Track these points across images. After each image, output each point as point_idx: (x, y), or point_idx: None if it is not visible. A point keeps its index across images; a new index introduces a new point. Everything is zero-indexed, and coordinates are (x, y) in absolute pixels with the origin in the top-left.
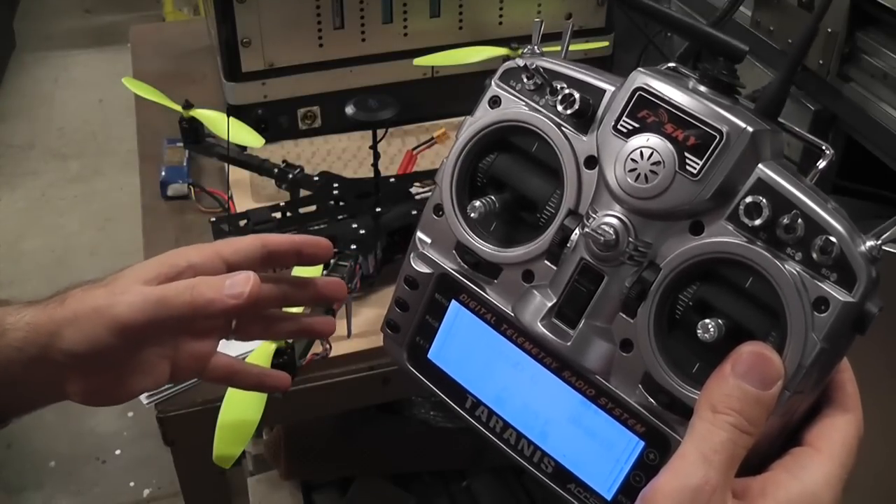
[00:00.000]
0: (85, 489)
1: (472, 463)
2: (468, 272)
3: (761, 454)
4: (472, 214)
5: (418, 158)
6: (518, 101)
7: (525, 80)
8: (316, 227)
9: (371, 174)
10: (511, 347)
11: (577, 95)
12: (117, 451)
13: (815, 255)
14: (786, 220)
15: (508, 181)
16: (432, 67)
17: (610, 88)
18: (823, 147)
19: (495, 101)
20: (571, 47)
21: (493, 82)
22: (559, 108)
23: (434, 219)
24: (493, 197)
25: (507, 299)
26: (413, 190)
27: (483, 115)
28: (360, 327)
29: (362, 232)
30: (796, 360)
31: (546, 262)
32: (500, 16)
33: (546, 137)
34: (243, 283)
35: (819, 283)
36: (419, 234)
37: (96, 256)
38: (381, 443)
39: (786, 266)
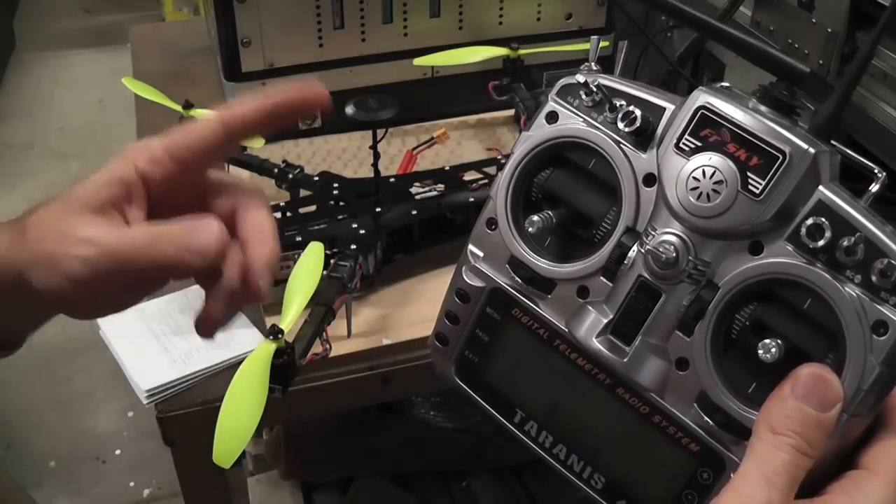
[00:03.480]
0: (85, 489)
1: (472, 463)
2: (522, 287)
3: (816, 476)
4: (530, 229)
5: (418, 158)
6: (576, 117)
7: (583, 96)
8: (316, 227)
9: (371, 174)
10: (563, 363)
11: (638, 113)
12: (117, 451)
13: (874, 279)
14: (846, 243)
15: (564, 197)
16: (432, 67)
17: (670, 107)
18: (875, 170)
19: (552, 117)
20: (570, 48)
21: (550, 97)
22: (619, 125)
23: (487, 232)
24: (550, 212)
25: (560, 315)
26: (413, 190)
27: (540, 130)
28: (360, 327)
29: (362, 232)
30: (855, 382)
31: (602, 278)
32: (500, 16)
33: (605, 154)
34: (207, 238)
35: (878, 307)
36: (471, 248)
37: None
38: (381, 443)
39: (845, 288)
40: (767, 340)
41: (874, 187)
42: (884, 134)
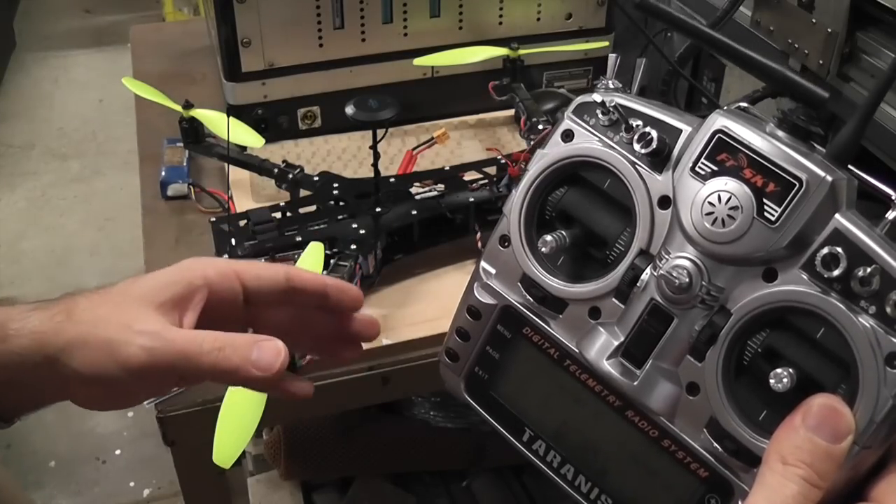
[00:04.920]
0: (85, 489)
1: (472, 463)
2: (533, 306)
3: None
4: (543, 249)
5: (418, 158)
6: (591, 137)
7: (600, 115)
8: (316, 227)
9: (371, 174)
10: (573, 383)
11: (654, 135)
12: (117, 451)
13: (889, 310)
14: (861, 273)
15: (578, 216)
16: (432, 67)
17: (686, 128)
18: (893, 197)
19: (568, 135)
20: (570, 48)
21: (566, 115)
22: (635, 146)
23: (500, 249)
24: (563, 232)
25: (571, 335)
26: (413, 190)
27: (555, 149)
28: None
29: (362, 232)
30: (867, 415)
31: (614, 300)
32: (500, 16)
33: (620, 175)
34: (273, 357)
35: (893, 339)
36: (483, 264)
37: (96, 256)
38: (381, 443)
39: (859, 319)
40: (779, 370)
41: (891, 214)
42: (884, 134)
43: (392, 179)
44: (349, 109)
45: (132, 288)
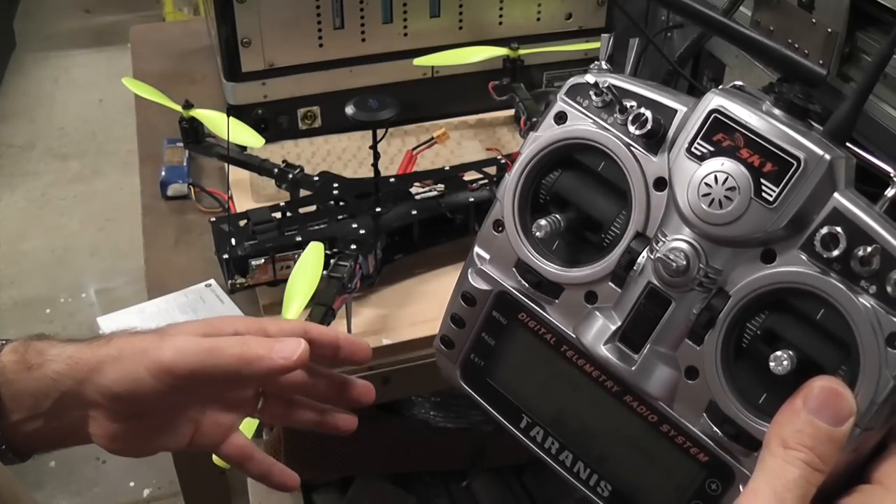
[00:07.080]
0: (85, 489)
1: (472, 463)
2: (529, 291)
3: (827, 490)
4: (538, 234)
5: (418, 158)
6: (585, 118)
7: (593, 96)
8: (316, 227)
9: (371, 174)
10: (570, 369)
11: (648, 115)
12: None
13: (889, 290)
14: (861, 253)
15: (573, 200)
16: (432, 67)
17: (681, 108)
18: (893, 175)
19: (561, 117)
20: (570, 48)
21: (558, 97)
22: (630, 127)
23: (494, 234)
24: (558, 216)
25: (568, 320)
26: (413, 190)
27: (548, 131)
28: (360, 327)
29: (362, 232)
30: (869, 396)
31: (610, 284)
32: (500, 16)
33: (614, 157)
34: (294, 347)
35: (893, 319)
36: (477, 250)
37: (96, 256)
38: (381, 443)
39: (860, 299)
40: (779, 353)
41: (890, 192)
42: (884, 134)
43: (392, 179)
44: (349, 109)
45: (167, 326)
